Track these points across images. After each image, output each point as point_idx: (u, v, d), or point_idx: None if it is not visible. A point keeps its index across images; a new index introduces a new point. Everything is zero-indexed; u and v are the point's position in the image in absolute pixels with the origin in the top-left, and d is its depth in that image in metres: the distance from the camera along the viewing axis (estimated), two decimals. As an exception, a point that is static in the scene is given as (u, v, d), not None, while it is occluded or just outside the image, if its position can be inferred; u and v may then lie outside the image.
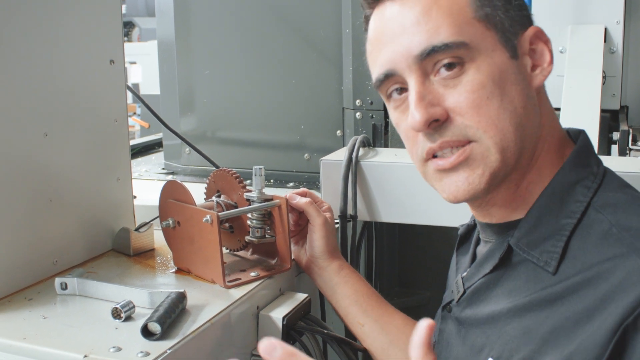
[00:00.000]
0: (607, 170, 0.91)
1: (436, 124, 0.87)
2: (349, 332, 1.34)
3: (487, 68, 0.85)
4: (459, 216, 1.47)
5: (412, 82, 0.88)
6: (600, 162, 0.92)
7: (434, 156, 0.90)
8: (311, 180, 2.06)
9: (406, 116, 0.90)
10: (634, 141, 1.65)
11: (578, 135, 0.95)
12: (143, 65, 5.26)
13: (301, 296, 1.28)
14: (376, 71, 0.92)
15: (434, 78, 0.87)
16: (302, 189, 1.40)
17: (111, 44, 1.40)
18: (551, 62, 0.91)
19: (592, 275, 0.80)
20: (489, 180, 0.87)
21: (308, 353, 1.24)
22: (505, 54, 0.87)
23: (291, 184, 2.05)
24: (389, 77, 0.91)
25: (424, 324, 0.70)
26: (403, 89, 0.91)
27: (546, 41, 0.91)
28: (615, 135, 1.67)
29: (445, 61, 0.86)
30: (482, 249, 0.99)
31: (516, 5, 0.90)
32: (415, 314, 1.31)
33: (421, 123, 0.86)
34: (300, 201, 1.33)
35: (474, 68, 0.86)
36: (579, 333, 0.78)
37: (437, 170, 0.90)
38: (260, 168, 1.28)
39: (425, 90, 0.87)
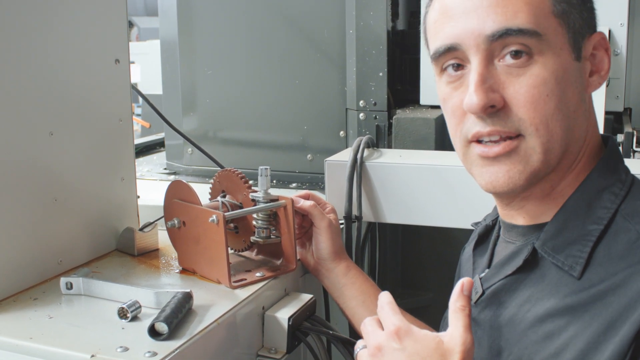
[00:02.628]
0: (634, 179, 0.91)
1: (492, 110, 0.86)
2: (353, 333, 1.34)
3: (553, 65, 0.85)
4: (462, 218, 1.47)
5: (476, 63, 0.86)
6: (628, 170, 0.92)
7: (479, 141, 0.89)
8: (314, 181, 2.06)
9: (459, 93, 0.89)
10: (638, 143, 1.65)
11: (607, 141, 0.94)
12: (142, 65, 5.24)
13: (306, 297, 1.28)
14: (437, 43, 0.91)
15: (499, 63, 0.86)
16: (306, 192, 1.40)
17: (116, 43, 1.39)
18: (608, 70, 0.90)
19: (617, 284, 0.80)
20: (528, 178, 0.87)
21: (313, 353, 1.24)
22: (570, 55, 0.87)
23: (294, 185, 2.05)
24: (450, 50, 0.89)
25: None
26: (460, 66, 0.89)
27: (607, 49, 0.91)
28: (620, 137, 1.68)
29: (514, 47, 0.84)
30: (501, 250, 0.99)
31: (589, 8, 0.90)
32: (418, 315, 1.31)
33: (479, 107, 0.85)
34: (304, 204, 1.33)
35: (541, 62, 0.84)
36: (602, 342, 0.78)
37: (480, 157, 0.89)
38: (266, 168, 1.28)
39: (488, 74, 0.86)
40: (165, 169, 2.29)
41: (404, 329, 0.84)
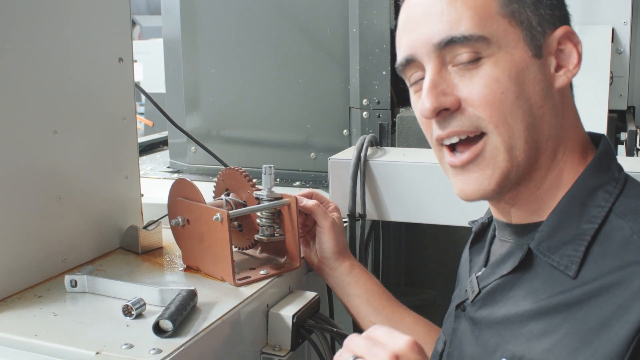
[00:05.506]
0: (628, 177, 0.91)
1: (446, 113, 0.87)
2: (357, 330, 1.34)
3: (504, 64, 0.85)
4: (465, 216, 1.47)
5: (429, 70, 0.88)
6: (621, 168, 0.92)
7: (452, 150, 0.91)
8: (317, 180, 2.06)
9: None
10: (642, 141, 1.65)
11: (599, 140, 0.94)
12: (144, 64, 5.25)
13: (310, 294, 1.28)
14: (400, 55, 0.93)
15: (452, 68, 0.87)
16: (309, 190, 1.40)
17: (120, 42, 1.40)
18: (578, 64, 0.89)
19: (612, 282, 0.80)
20: (498, 181, 0.88)
21: (317, 351, 1.24)
22: (527, 52, 0.87)
23: (297, 183, 2.05)
24: (409, 62, 0.91)
25: None
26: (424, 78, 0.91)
27: (576, 43, 0.89)
28: (623, 136, 1.67)
29: (463, 54, 0.86)
30: (497, 249, 0.99)
31: (548, 4, 0.89)
32: (422, 313, 1.31)
33: (430, 111, 0.87)
34: (307, 203, 1.33)
35: (491, 62, 0.85)
36: (594, 339, 0.78)
37: (450, 166, 0.92)
38: (270, 167, 1.28)
39: (440, 79, 0.87)
40: (168, 167, 2.29)
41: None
